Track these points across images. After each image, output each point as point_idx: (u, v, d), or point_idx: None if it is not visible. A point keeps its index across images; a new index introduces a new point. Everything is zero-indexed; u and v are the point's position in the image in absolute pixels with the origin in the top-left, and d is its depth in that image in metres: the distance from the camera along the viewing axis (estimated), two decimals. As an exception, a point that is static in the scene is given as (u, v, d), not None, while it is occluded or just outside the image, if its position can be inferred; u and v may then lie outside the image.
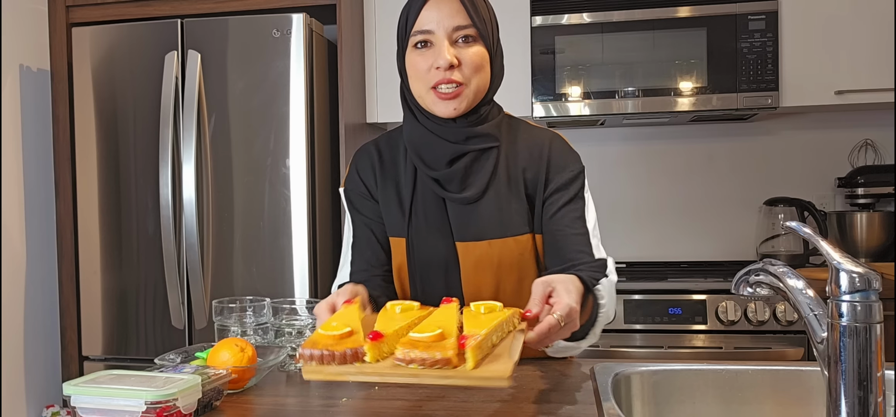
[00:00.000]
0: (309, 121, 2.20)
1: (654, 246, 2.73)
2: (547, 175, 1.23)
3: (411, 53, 1.19)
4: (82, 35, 2.29)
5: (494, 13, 1.23)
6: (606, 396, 1.05)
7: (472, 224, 1.20)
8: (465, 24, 1.15)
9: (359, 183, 1.29)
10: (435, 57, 1.15)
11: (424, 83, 1.17)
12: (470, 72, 1.16)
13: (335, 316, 0.99)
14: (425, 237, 1.22)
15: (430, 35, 1.16)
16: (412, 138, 1.22)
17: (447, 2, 1.15)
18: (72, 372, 2.36)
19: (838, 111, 2.57)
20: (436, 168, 1.20)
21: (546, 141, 1.26)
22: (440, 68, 1.14)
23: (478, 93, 1.18)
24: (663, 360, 1.26)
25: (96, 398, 0.88)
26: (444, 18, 1.15)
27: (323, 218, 2.30)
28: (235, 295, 2.13)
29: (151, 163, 2.24)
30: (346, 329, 0.91)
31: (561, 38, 2.38)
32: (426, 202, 1.22)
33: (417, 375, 0.84)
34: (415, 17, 1.17)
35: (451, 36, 1.15)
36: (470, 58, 1.16)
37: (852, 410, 0.74)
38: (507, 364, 0.83)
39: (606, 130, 2.75)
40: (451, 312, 0.96)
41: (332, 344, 0.88)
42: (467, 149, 1.19)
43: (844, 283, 0.74)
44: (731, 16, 2.31)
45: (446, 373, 0.83)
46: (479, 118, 1.20)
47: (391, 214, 1.25)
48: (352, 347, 0.87)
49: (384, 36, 2.50)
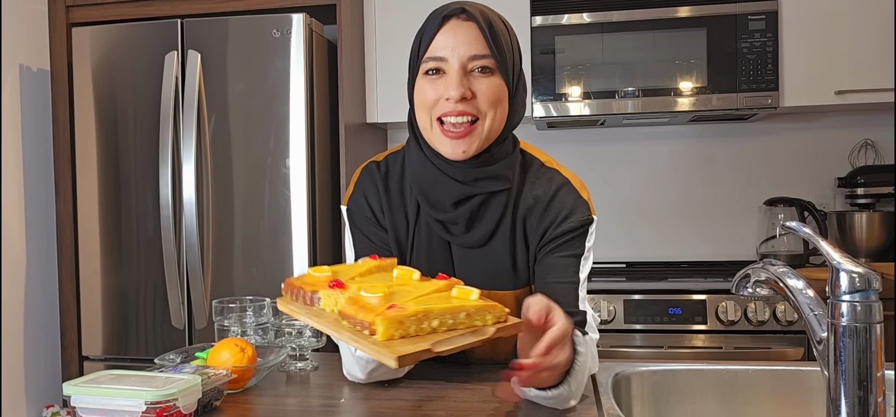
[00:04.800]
0: (309, 121, 2.20)
1: (654, 246, 2.74)
2: (549, 224, 1.12)
3: (421, 80, 1.09)
4: (82, 35, 2.29)
5: (518, 43, 1.12)
6: (606, 396, 1.05)
7: (477, 270, 1.12)
8: (482, 54, 1.05)
9: (365, 206, 1.19)
10: (446, 87, 1.05)
11: (430, 114, 1.07)
12: (485, 105, 1.05)
13: (341, 266, 1.03)
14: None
15: (442, 62, 1.06)
16: (417, 174, 1.12)
17: (465, 28, 1.06)
18: (72, 372, 2.36)
19: (838, 111, 2.58)
20: (441, 210, 1.11)
21: (554, 186, 1.13)
22: (450, 99, 1.04)
23: (491, 133, 1.08)
24: (663, 360, 1.26)
25: (96, 398, 0.88)
26: (459, 45, 1.05)
27: (323, 218, 2.30)
28: (235, 295, 2.13)
29: (151, 163, 2.24)
30: (327, 274, 0.98)
31: (561, 38, 2.38)
32: (431, 241, 1.14)
33: (339, 331, 0.87)
34: (428, 42, 1.07)
35: (465, 65, 1.05)
36: (485, 90, 1.05)
37: (852, 410, 0.74)
38: (409, 348, 0.82)
39: (606, 130, 2.75)
40: (429, 286, 0.95)
41: (309, 284, 0.97)
42: (476, 191, 1.09)
43: (844, 283, 0.74)
44: (731, 16, 2.31)
45: (357, 336, 0.85)
46: (491, 157, 1.10)
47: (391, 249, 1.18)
48: (313, 291, 0.95)
49: (384, 36, 2.50)
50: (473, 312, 0.90)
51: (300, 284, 0.98)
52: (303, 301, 0.97)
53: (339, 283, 0.94)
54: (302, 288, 0.97)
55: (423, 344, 0.83)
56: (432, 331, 0.87)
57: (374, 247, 1.18)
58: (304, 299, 0.97)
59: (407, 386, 1.10)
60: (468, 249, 1.13)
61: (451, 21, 1.07)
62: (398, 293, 0.92)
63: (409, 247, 1.16)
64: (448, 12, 1.07)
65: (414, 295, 0.92)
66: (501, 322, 0.92)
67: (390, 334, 0.83)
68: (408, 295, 0.92)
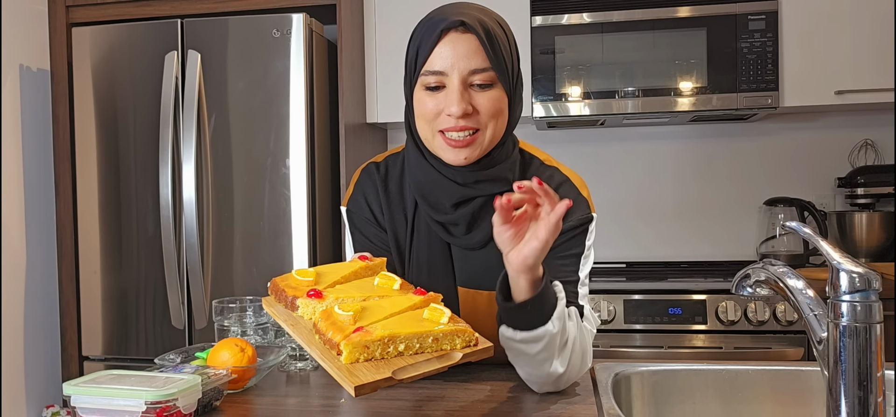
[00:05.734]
0: (309, 121, 2.20)
1: (654, 246, 2.73)
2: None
3: (419, 92, 1.08)
4: (82, 35, 2.29)
5: (516, 43, 1.12)
6: (606, 396, 1.05)
7: (477, 271, 1.11)
8: (482, 68, 1.04)
9: (364, 207, 1.19)
10: (446, 102, 1.04)
11: (432, 127, 1.07)
12: (486, 118, 1.05)
13: (327, 266, 1.05)
14: (425, 280, 1.13)
15: (443, 77, 1.04)
16: (416, 176, 1.12)
17: (464, 40, 1.04)
18: (72, 372, 2.36)
19: (838, 111, 2.58)
20: (441, 211, 1.11)
21: (554, 184, 1.13)
22: (452, 115, 1.04)
23: (493, 140, 1.08)
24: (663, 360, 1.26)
25: (96, 398, 0.88)
26: (459, 59, 1.03)
27: (323, 218, 2.30)
28: (235, 295, 2.13)
29: (151, 163, 2.24)
30: (310, 278, 1.01)
31: (561, 38, 2.38)
32: (430, 242, 1.14)
33: (310, 346, 0.89)
34: (426, 54, 1.05)
35: (465, 79, 1.04)
36: (487, 104, 1.05)
37: (852, 410, 0.74)
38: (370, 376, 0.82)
39: (606, 130, 2.75)
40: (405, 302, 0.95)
41: (291, 287, 0.99)
42: (476, 193, 1.09)
43: (844, 283, 0.74)
44: (731, 16, 2.31)
45: (324, 355, 0.87)
46: (491, 160, 1.10)
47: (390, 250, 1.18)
48: (294, 296, 0.97)
49: (384, 36, 2.50)
50: (441, 336, 0.91)
51: (284, 286, 1.01)
52: (284, 304, 1.00)
53: (317, 293, 0.96)
54: (285, 290, 1.00)
55: (386, 371, 0.84)
56: (398, 355, 0.89)
57: (373, 248, 1.18)
58: (285, 302, 1.00)
59: (407, 386, 1.10)
60: (468, 251, 1.12)
61: (450, 34, 1.05)
62: (372, 309, 0.93)
63: (408, 248, 1.16)
64: (446, 25, 1.05)
65: (387, 311, 0.93)
66: (470, 346, 0.92)
67: (355, 357, 0.85)
68: (381, 312, 0.93)
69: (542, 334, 0.96)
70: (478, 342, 0.93)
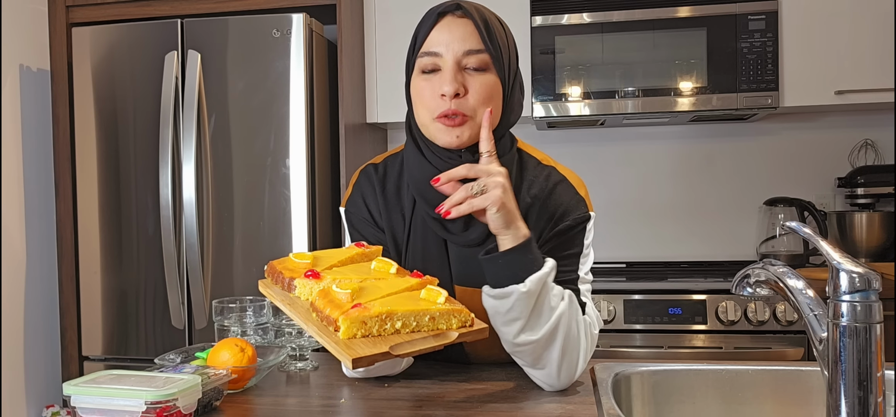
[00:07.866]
0: (309, 121, 2.20)
1: (654, 246, 2.73)
2: (546, 222, 1.12)
3: (417, 78, 1.10)
4: (82, 35, 2.29)
5: (515, 43, 1.14)
6: (606, 396, 1.05)
7: (474, 269, 1.10)
8: (476, 49, 1.06)
9: (362, 207, 1.21)
10: (441, 83, 1.06)
11: (429, 111, 1.08)
12: (476, 102, 1.06)
13: (323, 252, 1.06)
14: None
15: (437, 58, 1.07)
16: (414, 173, 1.13)
17: (459, 24, 1.07)
18: (72, 372, 2.36)
19: (838, 111, 2.58)
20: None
21: (551, 184, 1.14)
22: (445, 96, 1.05)
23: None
24: (663, 360, 1.26)
25: (96, 398, 0.88)
26: (454, 41, 1.06)
27: (323, 218, 2.30)
28: (235, 295, 2.12)
29: (151, 163, 2.24)
30: (307, 261, 1.01)
31: (561, 38, 2.38)
32: (427, 242, 1.14)
33: (308, 324, 0.90)
34: (423, 37, 1.08)
35: (460, 61, 1.06)
36: (478, 87, 1.06)
37: (852, 410, 0.74)
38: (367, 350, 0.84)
39: (606, 130, 2.75)
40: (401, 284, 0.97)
41: (289, 269, 1.00)
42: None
43: (844, 283, 0.74)
44: (731, 16, 2.31)
45: (322, 331, 0.88)
46: None
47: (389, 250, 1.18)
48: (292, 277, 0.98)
49: (384, 36, 2.50)
50: (438, 315, 0.92)
51: (281, 268, 1.02)
52: (281, 285, 1.01)
53: (315, 273, 0.97)
54: (282, 272, 1.01)
55: (382, 346, 0.85)
56: (395, 332, 0.89)
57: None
58: (282, 284, 1.01)
59: (407, 386, 1.10)
60: (465, 248, 1.13)
61: (447, 17, 1.08)
62: (369, 289, 0.94)
63: (405, 247, 1.17)
64: (443, 9, 1.09)
65: (384, 292, 0.94)
66: (466, 326, 0.94)
67: (352, 333, 0.86)
68: (378, 292, 0.93)
69: (511, 291, 0.98)
70: (473, 323, 0.95)
